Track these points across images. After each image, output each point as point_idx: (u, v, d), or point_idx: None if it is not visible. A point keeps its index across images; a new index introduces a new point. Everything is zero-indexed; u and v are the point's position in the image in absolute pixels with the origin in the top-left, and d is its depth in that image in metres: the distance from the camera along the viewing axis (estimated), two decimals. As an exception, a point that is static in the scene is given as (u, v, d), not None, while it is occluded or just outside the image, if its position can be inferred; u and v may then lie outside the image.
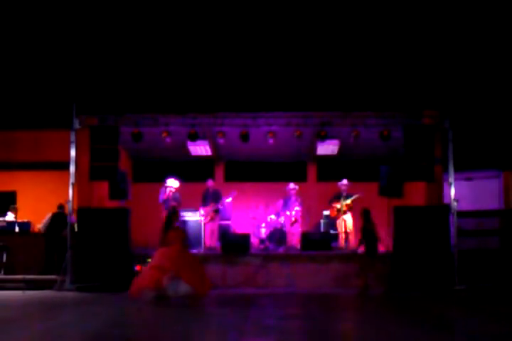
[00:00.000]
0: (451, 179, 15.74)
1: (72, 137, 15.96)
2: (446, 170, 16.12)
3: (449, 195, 15.84)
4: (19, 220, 18.44)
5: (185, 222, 17.98)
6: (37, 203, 18.50)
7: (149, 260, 15.16)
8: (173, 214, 13.39)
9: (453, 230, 15.59)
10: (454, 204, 15.62)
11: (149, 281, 12.36)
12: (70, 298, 14.14)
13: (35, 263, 16.73)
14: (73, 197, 15.93)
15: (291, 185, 18.09)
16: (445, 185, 16.59)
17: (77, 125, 16.05)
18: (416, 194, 17.47)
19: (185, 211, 17.99)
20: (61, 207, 17.14)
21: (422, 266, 15.21)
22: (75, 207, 16.13)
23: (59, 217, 16.94)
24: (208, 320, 10.93)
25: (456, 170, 15.91)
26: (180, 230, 13.58)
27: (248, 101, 17.13)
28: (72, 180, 15.91)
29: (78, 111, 16.08)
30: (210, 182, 18.13)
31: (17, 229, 17.94)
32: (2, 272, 16.83)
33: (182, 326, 10.09)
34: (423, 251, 15.30)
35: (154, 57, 20.52)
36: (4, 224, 18.13)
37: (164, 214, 17.51)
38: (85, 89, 18.29)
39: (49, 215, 17.23)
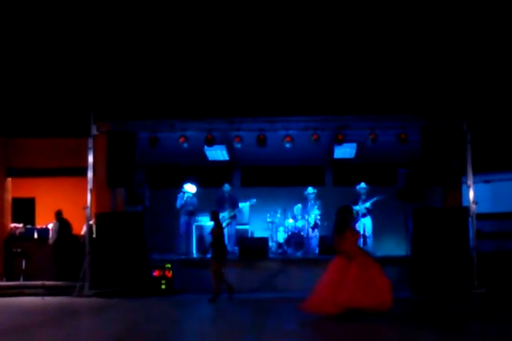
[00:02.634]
0: (470, 181, 15.65)
1: (90, 143, 16.01)
2: (464, 173, 16.02)
3: (468, 198, 15.74)
4: (38, 227, 18.51)
5: (202, 227, 17.98)
6: (55, 209, 18.53)
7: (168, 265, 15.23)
8: (348, 212, 11.86)
9: (472, 233, 15.49)
10: (473, 206, 15.53)
11: (330, 302, 11.04)
12: (88, 303, 14.17)
13: (54, 270, 16.77)
14: (91, 203, 15.98)
15: (310, 189, 18.05)
16: (464, 187, 16.49)
17: (94, 131, 16.10)
18: (434, 197, 17.36)
19: (203, 216, 17.98)
20: (59, 213, 17.12)
21: (441, 269, 15.13)
22: (93, 213, 16.17)
23: (62, 225, 16.95)
24: (227, 325, 10.91)
25: (474, 173, 15.82)
26: (357, 231, 12.42)
27: (265, 105, 17.11)
28: (90, 186, 15.96)
29: (96, 117, 16.14)
30: (226, 187, 18.11)
31: (36, 236, 18.01)
32: (21, 278, 16.88)
33: (200, 330, 10.09)
34: (442, 253, 15.21)
35: (171, 62, 20.57)
36: (23, 230, 18.22)
37: (183, 219, 17.55)
38: (102, 95, 18.34)
39: (56, 224, 17.14)
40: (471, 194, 15.62)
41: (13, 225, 18.30)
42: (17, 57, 21.81)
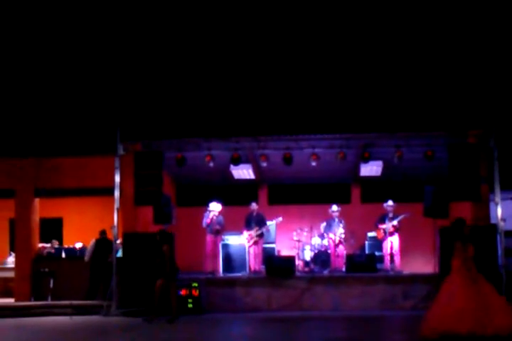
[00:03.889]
0: (498, 198, 15.53)
1: (117, 163, 16.12)
2: (492, 190, 15.91)
3: (496, 215, 15.62)
4: (65, 246, 18.64)
5: (228, 246, 17.97)
6: (83, 229, 18.67)
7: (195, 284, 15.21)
8: (462, 223, 11.19)
9: (500, 250, 15.35)
10: (501, 223, 15.40)
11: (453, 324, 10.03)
12: (116, 323, 14.19)
13: (82, 289, 16.83)
14: (118, 222, 16.06)
15: (334, 207, 17.99)
16: (491, 204, 16.37)
17: (121, 151, 16.21)
18: (462, 214, 17.23)
19: (229, 234, 18.00)
20: (104, 232, 17.26)
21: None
22: (120, 233, 16.24)
23: (103, 243, 17.06)
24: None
25: (502, 190, 15.70)
26: (470, 243, 11.05)
27: (290, 123, 17.15)
28: (117, 205, 16.05)
29: (122, 137, 16.26)
30: (253, 206, 18.10)
31: (64, 255, 18.11)
32: (49, 298, 16.96)
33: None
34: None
35: (196, 82, 20.70)
36: (52, 250, 18.34)
37: (209, 238, 17.54)
38: (129, 115, 18.49)
39: (92, 242, 17.34)
40: (499, 211, 15.50)
41: (41, 245, 18.43)
42: (46, 78, 22.06)
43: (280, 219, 17.96)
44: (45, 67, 22.09)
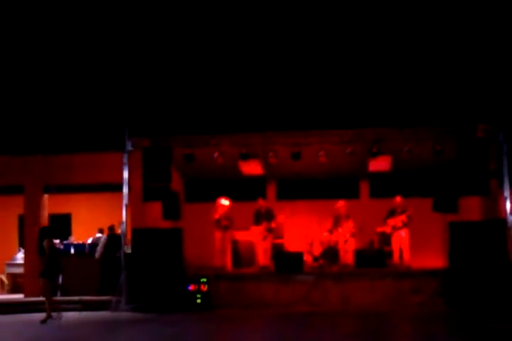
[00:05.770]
0: (507, 193, 15.49)
1: (125, 159, 16.13)
2: (501, 185, 15.85)
3: (505, 210, 15.57)
4: (74, 242, 18.68)
5: (237, 242, 17.98)
6: (91, 225, 18.69)
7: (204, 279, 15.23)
8: None
9: (510, 245, 15.30)
10: (511, 218, 15.36)
11: None
12: (125, 318, 14.22)
13: (91, 285, 16.88)
14: (127, 218, 16.08)
15: (341, 203, 17.95)
16: (501, 199, 16.31)
17: (129, 147, 16.23)
18: (471, 209, 17.19)
19: (238, 230, 17.99)
20: (112, 228, 17.31)
21: (478, 282, 14.96)
22: (129, 228, 16.26)
23: (112, 239, 17.10)
24: (263, 339, 10.88)
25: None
26: None
27: (299, 119, 17.13)
28: (125, 201, 16.07)
29: (131, 133, 16.27)
30: (260, 201, 18.08)
31: (72, 251, 18.16)
32: (59, 294, 17.00)
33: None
34: (480, 266, 15.05)
35: (204, 79, 20.68)
36: (61, 246, 18.38)
37: (218, 233, 17.55)
38: (137, 111, 18.50)
39: (104, 238, 17.39)
40: (509, 205, 15.46)
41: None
42: (55, 75, 22.08)
43: (282, 217, 17.94)
44: (54, 64, 22.11)
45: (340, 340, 10.49)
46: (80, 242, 18.73)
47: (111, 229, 17.40)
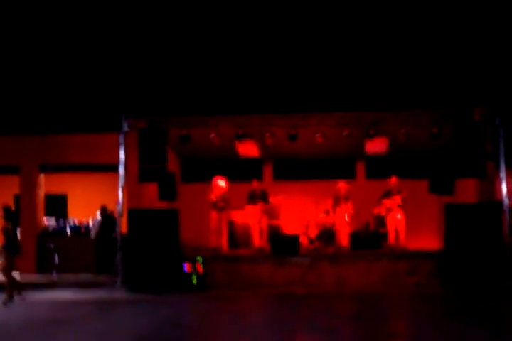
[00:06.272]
0: (503, 175, 15.51)
1: (121, 139, 16.10)
2: (497, 167, 15.87)
3: (501, 192, 15.60)
4: (71, 222, 18.70)
5: (233, 222, 18.00)
6: (87, 205, 18.69)
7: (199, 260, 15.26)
8: None
9: (506, 227, 15.35)
10: (506, 200, 15.39)
11: None
12: (120, 298, 14.26)
13: (87, 264, 16.94)
14: (123, 198, 16.08)
15: (342, 184, 17.95)
16: (497, 181, 16.34)
17: (126, 128, 16.18)
18: (467, 191, 17.22)
19: (234, 211, 18.01)
20: (104, 209, 17.34)
21: (473, 263, 15.02)
22: (125, 209, 16.26)
23: (107, 220, 17.14)
24: (259, 319, 10.92)
25: (508, 167, 15.67)
26: None
27: (296, 101, 17.09)
28: (121, 182, 16.05)
29: (127, 114, 16.22)
30: (255, 183, 18.07)
31: (68, 231, 18.19)
32: (55, 273, 17.05)
33: (233, 324, 10.11)
34: (475, 248, 15.09)
35: (202, 59, 20.60)
36: (56, 226, 18.41)
37: (214, 214, 17.55)
38: (134, 92, 18.45)
39: (99, 219, 17.42)
40: (504, 188, 15.48)
41: (45, 220, 18.49)
42: (51, 54, 21.99)
43: (281, 198, 17.96)
44: (51, 45, 22.01)
45: (336, 321, 10.53)
46: (76, 222, 18.74)
47: (103, 209, 17.41)
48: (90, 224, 18.30)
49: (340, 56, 20.10)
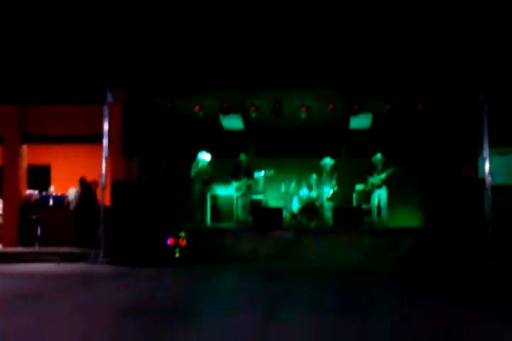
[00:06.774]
0: (486, 153, 15.55)
1: (105, 111, 16.00)
2: (480, 145, 15.90)
3: (484, 170, 15.66)
4: (53, 194, 18.63)
5: (216, 196, 18.01)
6: (71, 177, 18.61)
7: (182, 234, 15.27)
8: None
9: (488, 205, 15.43)
10: (489, 178, 15.45)
11: None
12: (102, 271, 14.25)
13: (69, 237, 16.92)
14: (106, 170, 16.02)
15: (327, 160, 17.98)
16: (480, 159, 16.40)
17: (110, 99, 16.08)
18: (449, 168, 17.31)
19: (217, 185, 18.02)
20: (83, 180, 17.30)
21: (454, 240, 15.13)
22: (108, 181, 16.21)
23: (86, 191, 17.12)
24: (241, 294, 10.96)
25: (491, 146, 15.70)
26: None
27: (281, 76, 17.02)
28: (105, 153, 15.98)
29: (111, 85, 16.11)
30: (242, 157, 18.09)
31: (51, 203, 18.13)
32: (37, 245, 17.03)
33: (214, 299, 10.14)
34: (456, 225, 15.19)
35: (187, 31, 20.44)
36: (38, 197, 18.34)
37: (197, 188, 17.56)
38: (119, 63, 18.29)
39: (78, 190, 17.35)
40: (487, 166, 15.54)
41: (28, 192, 18.42)
42: (33, 24, 21.76)
43: (272, 172, 17.99)
44: (32, 14, 21.76)
45: (318, 296, 10.58)
46: (59, 194, 18.69)
47: (82, 181, 17.36)
48: (69, 195, 18.23)
49: (325, 33, 20.00)
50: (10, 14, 21.74)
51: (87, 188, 17.33)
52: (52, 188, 19.17)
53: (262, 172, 18.12)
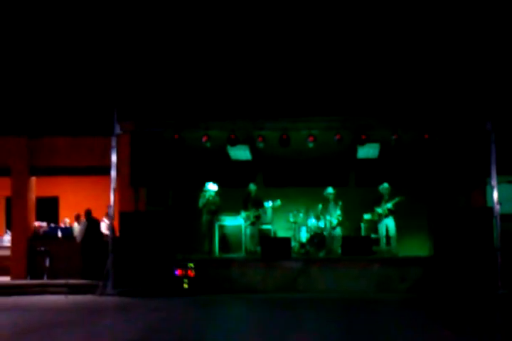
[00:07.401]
0: (494, 181, 15.52)
1: (113, 142, 16.07)
2: (489, 173, 15.87)
3: (492, 198, 15.61)
4: (62, 225, 18.66)
5: (224, 227, 17.99)
6: (79, 208, 18.63)
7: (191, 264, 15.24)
8: None
9: (497, 233, 15.36)
10: (497, 206, 15.40)
11: None
12: (111, 302, 14.22)
13: (78, 268, 16.89)
14: (114, 202, 16.05)
15: (329, 190, 17.99)
16: (488, 188, 16.36)
17: (118, 130, 16.15)
18: (458, 197, 17.24)
19: (225, 215, 18.01)
20: (89, 212, 17.30)
21: (464, 269, 15.04)
22: (116, 212, 16.23)
23: (92, 223, 17.13)
24: (249, 325, 10.91)
25: (499, 174, 15.67)
26: None
27: (288, 106, 17.10)
28: (113, 185, 16.01)
29: (119, 116, 16.20)
30: (251, 187, 18.11)
31: (60, 234, 18.13)
32: (45, 277, 17.00)
33: (222, 330, 10.09)
34: (466, 254, 15.11)
35: (195, 64, 20.61)
36: (47, 229, 18.36)
37: (205, 218, 17.55)
38: (126, 95, 18.43)
39: (84, 222, 17.35)
40: (495, 194, 15.50)
41: (37, 224, 18.44)
42: (43, 57, 21.97)
43: (279, 202, 17.97)
44: (42, 48, 21.99)
45: (327, 325, 10.52)
46: (68, 225, 18.72)
47: (88, 213, 17.36)
48: (76, 228, 18.26)
49: (333, 63, 20.14)
50: (20, 47, 21.97)
51: (92, 220, 17.32)
52: (67, 220, 19.17)
53: (270, 203, 18.10)
